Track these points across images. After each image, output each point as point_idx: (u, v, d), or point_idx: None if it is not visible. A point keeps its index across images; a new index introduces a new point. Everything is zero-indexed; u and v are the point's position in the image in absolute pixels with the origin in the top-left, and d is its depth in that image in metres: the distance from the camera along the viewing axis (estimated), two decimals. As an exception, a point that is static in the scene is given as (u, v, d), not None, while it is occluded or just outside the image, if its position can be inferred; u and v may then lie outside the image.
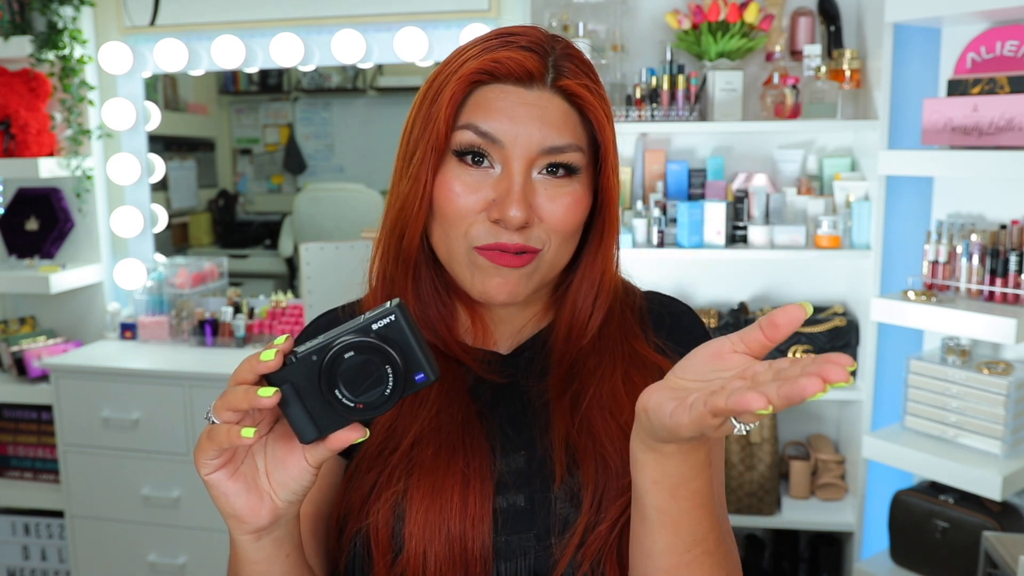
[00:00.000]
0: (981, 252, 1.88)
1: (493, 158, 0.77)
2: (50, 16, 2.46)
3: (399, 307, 0.63)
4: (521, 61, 0.77)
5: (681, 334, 0.89)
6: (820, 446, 2.32)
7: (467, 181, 0.78)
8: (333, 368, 0.62)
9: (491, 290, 0.79)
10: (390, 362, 0.62)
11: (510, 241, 0.77)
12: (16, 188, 2.73)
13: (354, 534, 0.79)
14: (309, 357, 0.62)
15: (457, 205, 0.78)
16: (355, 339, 0.62)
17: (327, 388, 0.62)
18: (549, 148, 0.77)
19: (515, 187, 0.76)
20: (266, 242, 3.49)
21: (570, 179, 0.79)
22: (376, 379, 0.62)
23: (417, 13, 2.44)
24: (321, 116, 3.46)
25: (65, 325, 2.77)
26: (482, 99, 0.78)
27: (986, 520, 1.85)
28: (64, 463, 2.40)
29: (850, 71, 2.12)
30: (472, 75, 0.77)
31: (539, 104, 0.77)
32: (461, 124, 0.78)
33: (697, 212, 2.13)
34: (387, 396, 0.63)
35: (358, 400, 0.63)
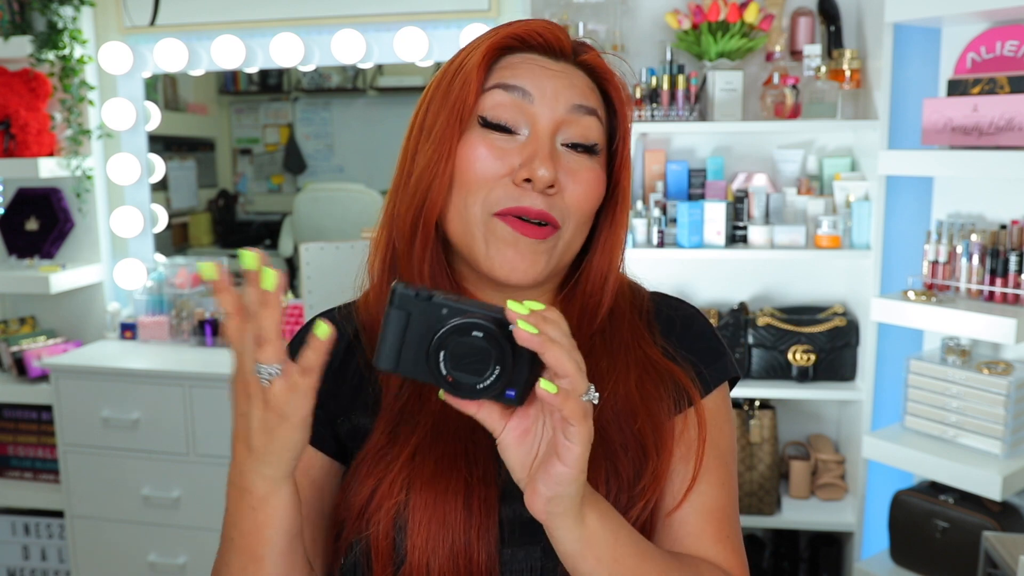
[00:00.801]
0: (981, 252, 1.88)
1: (519, 123, 0.77)
2: (50, 16, 2.46)
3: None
4: (550, 31, 0.79)
5: (693, 340, 0.87)
6: (820, 446, 2.32)
7: (493, 145, 0.77)
8: (455, 334, 0.61)
9: (507, 263, 0.77)
10: (503, 364, 0.62)
11: (533, 205, 0.76)
12: (16, 188, 2.73)
13: (353, 542, 0.77)
14: (440, 308, 0.62)
15: (481, 169, 0.77)
16: (491, 325, 0.61)
17: (436, 345, 0.61)
18: (576, 105, 0.78)
19: (544, 147, 0.76)
20: (266, 242, 3.49)
21: (589, 156, 0.79)
22: (479, 369, 0.62)
23: (417, 13, 2.44)
24: (321, 116, 3.46)
25: (65, 325, 2.77)
26: (509, 63, 0.79)
27: (986, 520, 1.85)
28: (64, 463, 2.40)
29: (850, 71, 2.12)
30: (504, 40, 0.79)
31: (565, 72, 0.79)
32: (489, 86, 0.78)
33: (697, 212, 2.13)
34: (478, 390, 0.62)
35: (452, 373, 0.62)
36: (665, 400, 0.81)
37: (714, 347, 0.87)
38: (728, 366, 0.87)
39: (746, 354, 2.19)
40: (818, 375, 2.18)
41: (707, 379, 0.85)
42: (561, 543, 0.67)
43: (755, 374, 2.20)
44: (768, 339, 2.18)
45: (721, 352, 0.87)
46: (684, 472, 0.80)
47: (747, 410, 2.24)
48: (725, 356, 0.87)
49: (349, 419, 0.83)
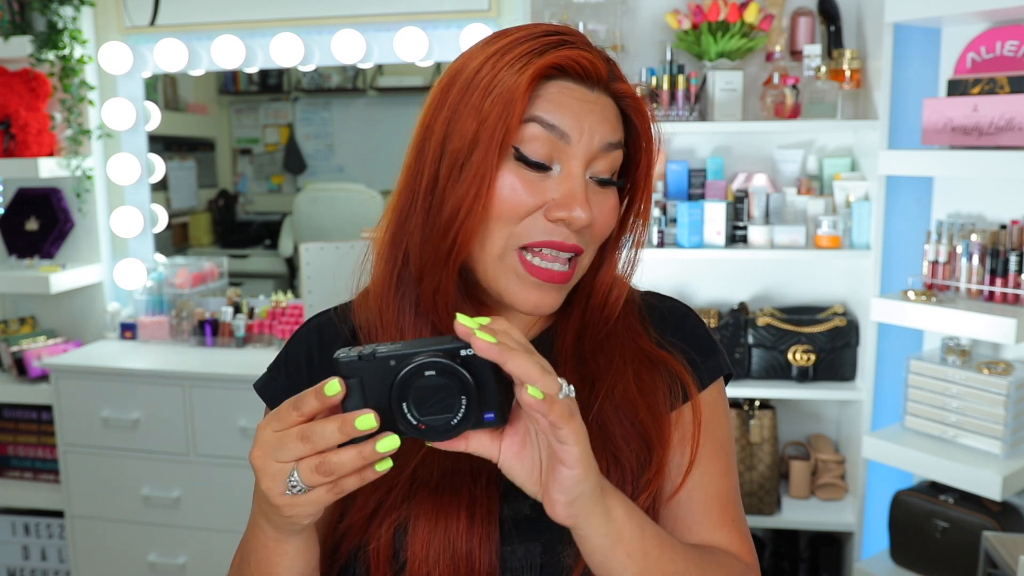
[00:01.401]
0: (981, 252, 1.88)
1: (555, 159, 0.76)
2: (50, 16, 2.46)
3: None
4: (590, 59, 0.77)
5: (686, 338, 0.88)
6: (820, 446, 2.32)
7: (528, 180, 0.75)
8: (409, 380, 0.60)
9: (531, 302, 0.78)
10: (467, 392, 0.60)
11: (567, 240, 0.76)
12: (16, 188, 2.73)
13: (352, 555, 0.77)
14: (387, 361, 0.60)
15: (513, 203, 0.75)
16: (441, 360, 0.60)
17: (396, 398, 0.60)
18: (608, 143, 0.77)
19: (579, 188, 0.75)
20: (266, 242, 3.49)
21: (611, 188, 0.80)
22: (447, 405, 0.60)
23: (417, 13, 2.44)
24: (321, 116, 3.46)
25: (65, 325, 2.77)
26: (547, 93, 0.76)
27: (986, 520, 1.85)
28: (64, 463, 2.40)
29: (850, 71, 2.12)
30: (544, 70, 0.75)
31: (600, 103, 0.78)
32: (526, 118, 0.75)
33: (697, 212, 2.13)
34: (452, 426, 0.61)
35: (421, 420, 0.61)
36: (663, 391, 0.82)
37: (707, 344, 0.88)
38: (722, 363, 0.88)
39: (746, 354, 2.19)
40: (818, 375, 2.18)
41: (702, 372, 0.86)
42: (591, 541, 0.66)
43: (755, 374, 2.20)
44: (768, 339, 2.18)
45: (714, 349, 0.88)
46: (682, 458, 0.82)
47: (747, 410, 2.24)
48: (718, 353, 0.88)
49: None
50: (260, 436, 0.63)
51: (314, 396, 0.61)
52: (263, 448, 0.63)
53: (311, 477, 0.61)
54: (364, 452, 0.61)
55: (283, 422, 0.62)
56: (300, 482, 0.62)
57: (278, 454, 0.62)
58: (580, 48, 0.77)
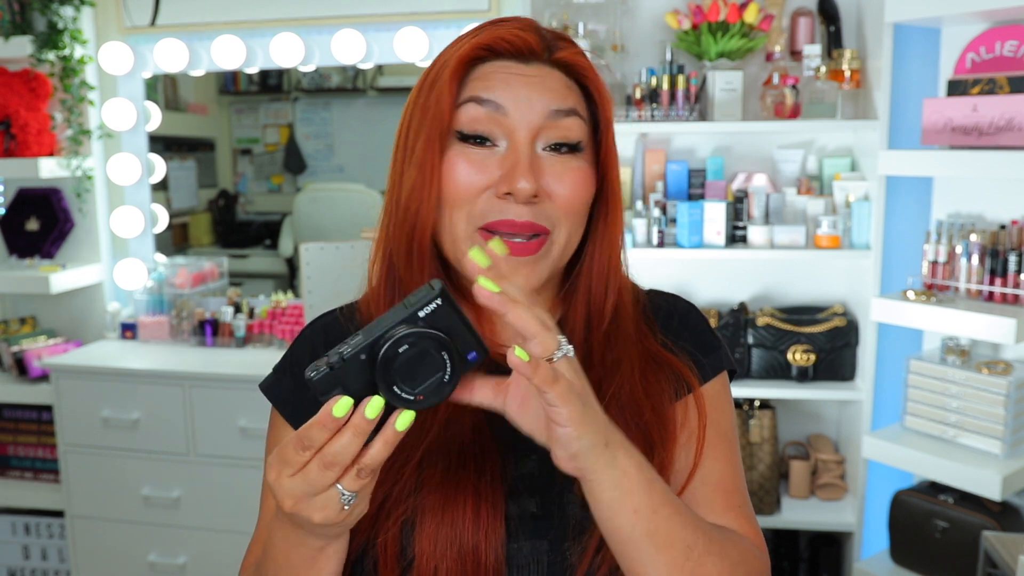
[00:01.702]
0: (981, 252, 1.88)
1: (497, 134, 0.77)
2: (50, 16, 2.47)
3: (442, 291, 0.61)
4: (519, 35, 0.77)
5: (690, 334, 0.88)
6: (820, 446, 2.32)
7: (473, 159, 0.76)
8: (388, 365, 0.60)
9: None
10: (445, 347, 0.60)
11: (519, 217, 0.75)
12: (16, 188, 2.73)
13: (361, 550, 0.77)
14: (358, 358, 0.60)
15: (463, 183, 0.76)
16: (407, 331, 0.60)
17: (385, 386, 0.60)
18: (553, 111, 0.76)
19: (523, 158, 0.75)
20: (266, 242, 3.49)
21: (574, 155, 0.78)
22: (432, 367, 0.60)
23: (417, 13, 2.44)
24: (321, 116, 3.46)
25: (65, 325, 2.77)
26: (481, 74, 0.77)
27: (986, 520, 1.85)
28: (64, 463, 2.40)
29: (850, 71, 2.13)
30: (472, 51, 0.77)
31: (539, 75, 0.77)
32: (462, 100, 0.77)
33: (697, 212, 2.13)
34: (447, 382, 0.61)
35: (417, 392, 0.60)
36: (667, 391, 0.82)
37: (710, 340, 0.89)
38: (724, 358, 0.89)
39: (746, 354, 2.19)
40: (818, 375, 2.18)
41: (705, 368, 0.86)
42: (598, 494, 0.66)
43: (755, 374, 2.20)
44: (768, 339, 2.18)
45: (717, 345, 0.89)
46: (687, 459, 0.82)
47: (747, 410, 2.24)
48: (721, 348, 0.89)
49: None
50: (281, 487, 0.62)
51: (319, 427, 0.60)
52: (293, 496, 0.62)
53: (356, 484, 0.62)
54: (388, 438, 0.61)
55: (295, 464, 0.61)
56: (351, 496, 0.62)
57: (313, 491, 0.61)
58: (514, 28, 0.78)
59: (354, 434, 0.60)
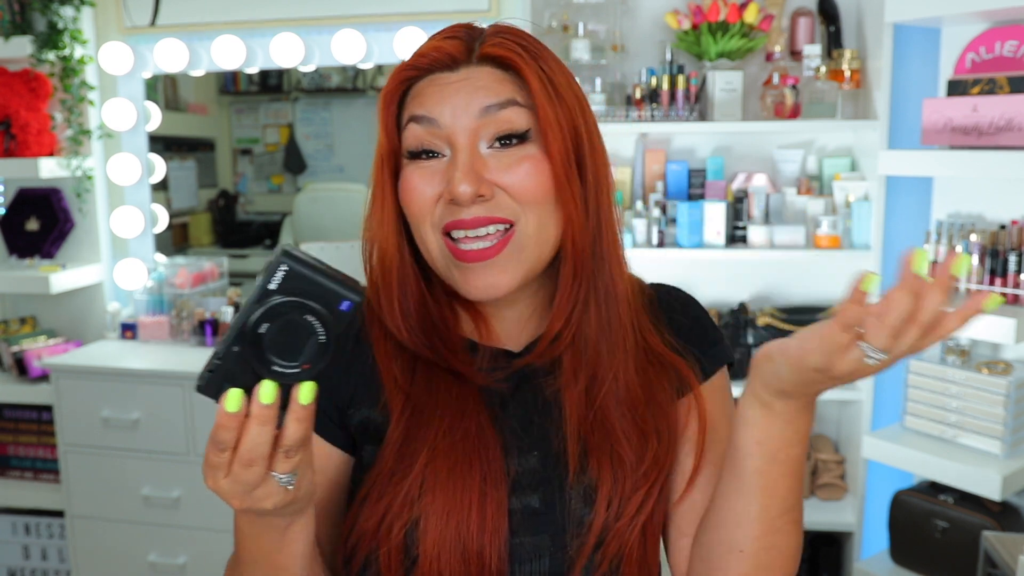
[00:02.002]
0: (981, 252, 1.88)
1: (440, 146, 0.77)
2: (50, 16, 2.47)
3: (285, 255, 0.58)
4: (441, 47, 0.78)
5: (691, 325, 0.89)
6: (820, 446, 2.32)
7: (423, 174, 0.78)
8: (257, 347, 0.58)
9: (472, 287, 0.78)
10: (309, 311, 0.58)
11: (468, 216, 0.76)
12: (16, 188, 2.73)
13: (364, 561, 0.78)
14: (230, 351, 0.58)
15: (418, 198, 0.78)
16: (262, 309, 0.57)
17: (265, 369, 0.58)
18: (485, 107, 0.76)
19: (460, 162, 0.75)
20: (266, 242, 3.49)
21: (524, 145, 0.77)
22: (304, 333, 0.58)
23: (417, 13, 2.44)
24: (321, 116, 3.46)
25: (65, 325, 2.77)
26: (415, 92, 0.79)
27: (986, 520, 1.85)
28: (64, 463, 2.40)
29: (850, 71, 2.13)
30: (401, 74, 0.79)
31: (467, 78, 0.77)
32: (405, 121, 0.79)
33: (697, 212, 2.13)
34: (323, 343, 0.58)
35: (302, 362, 0.58)
36: (667, 388, 0.83)
37: (711, 333, 0.90)
38: (725, 351, 0.90)
39: (746, 354, 2.19)
40: (818, 375, 2.17)
41: (706, 366, 0.87)
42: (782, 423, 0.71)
43: (755, 374, 2.20)
44: (768, 339, 2.18)
45: (717, 338, 0.90)
46: (687, 463, 0.83)
47: (747, 410, 2.24)
48: (721, 341, 0.90)
49: (359, 411, 0.84)
50: (221, 491, 0.62)
51: (223, 428, 0.59)
52: (234, 494, 0.62)
53: (289, 465, 0.61)
54: (298, 415, 0.60)
55: (221, 467, 0.61)
56: (289, 477, 0.62)
57: (249, 487, 0.61)
58: (439, 39, 0.79)
59: (260, 424, 0.59)
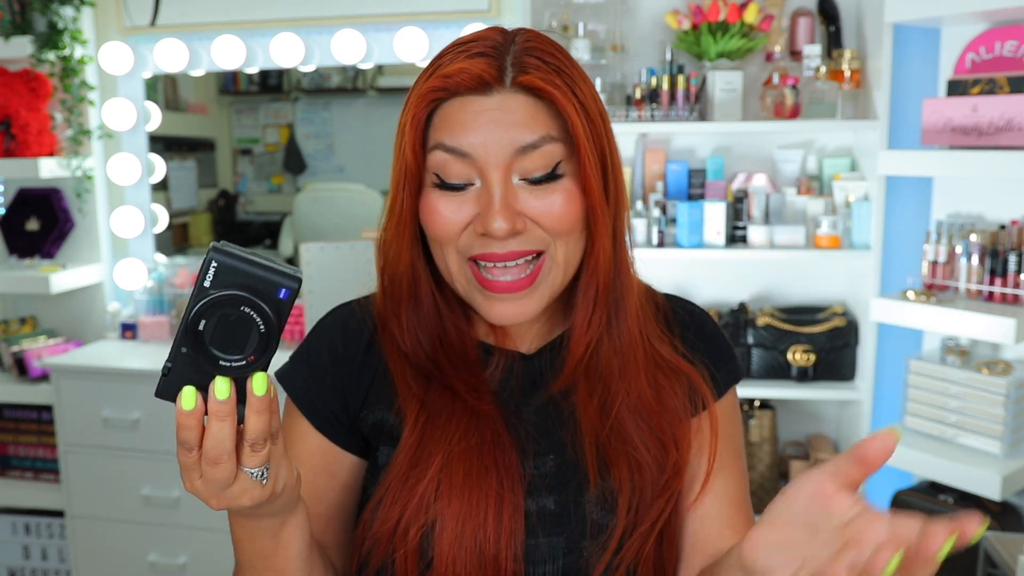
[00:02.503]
0: (981, 252, 1.89)
1: (470, 175, 0.75)
2: (50, 16, 2.46)
3: (214, 250, 0.58)
4: (472, 70, 0.74)
5: (706, 342, 0.89)
6: (820, 446, 2.32)
7: (450, 202, 0.76)
8: (200, 344, 0.58)
9: (497, 314, 0.78)
10: (244, 302, 0.57)
11: (501, 250, 0.75)
12: (16, 188, 2.73)
13: (379, 566, 0.78)
14: (180, 352, 0.59)
15: (444, 225, 0.76)
16: (197, 306, 0.58)
17: (212, 364, 0.58)
18: (521, 147, 0.74)
19: (495, 197, 0.73)
20: (266, 242, 3.49)
21: (553, 181, 0.76)
22: (244, 326, 0.58)
23: (417, 13, 2.44)
24: (321, 116, 3.46)
25: (65, 325, 2.77)
26: (443, 116, 0.76)
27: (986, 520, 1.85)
28: (64, 463, 2.40)
29: (850, 71, 2.13)
30: (428, 95, 0.75)
31: (501, 107, 0.74)
32: (431, 145, 0.76)
33: (697, 212, 2.13)
34: (264, 332, 0.58)
35: (247, 354, 0.58)
36: (680, 397, 0.83)
37: (724, 350, 0.90)
38: (737, 369, 0.90)
39: (746, 354, 2.19)
40: (818, 375, 2.18)
41: (719, 382, 0.87)
42: None
43: (755, 374, 2.20)
44: (768, 339, 2.18)
45: (731, 355, 0.90)
46: (700, 470, 0.84)
47: (747, 410, 2.24)
48: (734, 359, 0.90)
49: (373, 413, 0.84)
50: (197, 492, 0.62)
51: (184, 428, 0.60)
52: (209, 494, 0.62)
53: (258, 459, 0.61)
54: (255, 407, 0.59)
55: (193, 468, 0.61)
56: (261, 471, 0.62)
57: (221, 485, 0.61)
58: (470, 57, 0.74)
59: (219, 420, 0.59)
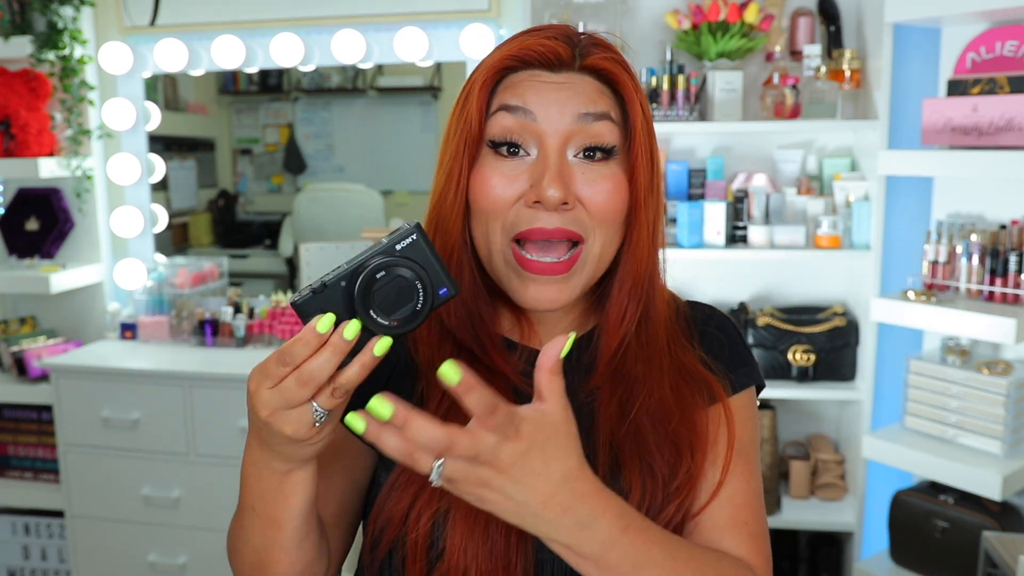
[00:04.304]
0: (981, 252, 1.88)
1: (527, 142, 0.77)
2: (50, 16, 2.46)
3: (418, 227, 0.65)
4: (548, 45, 0.77)
5: (727, 346, 0.89)
6: (820, 446, 2.32)
7: (504, 171, 0.77)
8: (367, 290, 0.63)
9: (532, 298, 0.78)
10: (419, 278, 0.64)
11: (549, 224, 0.75)
12: (16, 188, 2.73)
13: (391, 547, 0.78)
14: (338, 283, 0.64)
15: (494, 196, 0.77)
16: (385, 259, 0.64)
17: (362, 311, 0.63)
18: (582, 114, 0.76)
19: (551, 165, 0.75)
20: (266, 242, 3.49)
21: (607, 162, 0.77)
22: (407, 296, 0.64)
23: (417, 13, 2.44)
24: (321, 116, 3.46)
25: (65, 325, 2.77)
26: (511, 83, 0.78)
27: (986, 520, 1.85)
28: (64, 463, 2.40)
29: (850, 71, 2.12)
30: (501, 61, 0.78)
31: (568, 82, 0.77)
32: (494, 110, 0.78)
33: (697, 212, 2.13)
34: (418, 311, 0.64)
35: (392, 319, 0.64)
36: (700, 404, 0.83)
37: (743, 354, 0.90)
38: (754, 373, 0.89)
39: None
40: (818, 375, 2.18)
41: (735, 383, 0.87)
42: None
43: (755, 374, 2.20)
44: (768, 339, 2.18)
45: (749, 360, 0.90)
46: (712, 476, 0.82)
47: (747, 410, 2.24)
48: (751, 363, 0.90)
49: None
50: (259, 397, 0.64)
51: (302, 344, 0.62)
52: (269, 407, 0.64)
53: (330, 403, 0.64)
54: (365, 362, 0.63)
55: (275, 377, 0.63)
56: (324, 414, 0.64)
57: (288, 403, 0.63)
58: (544, 37, 0.78)
59: (332, 353, 0.62)
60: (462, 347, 0.83)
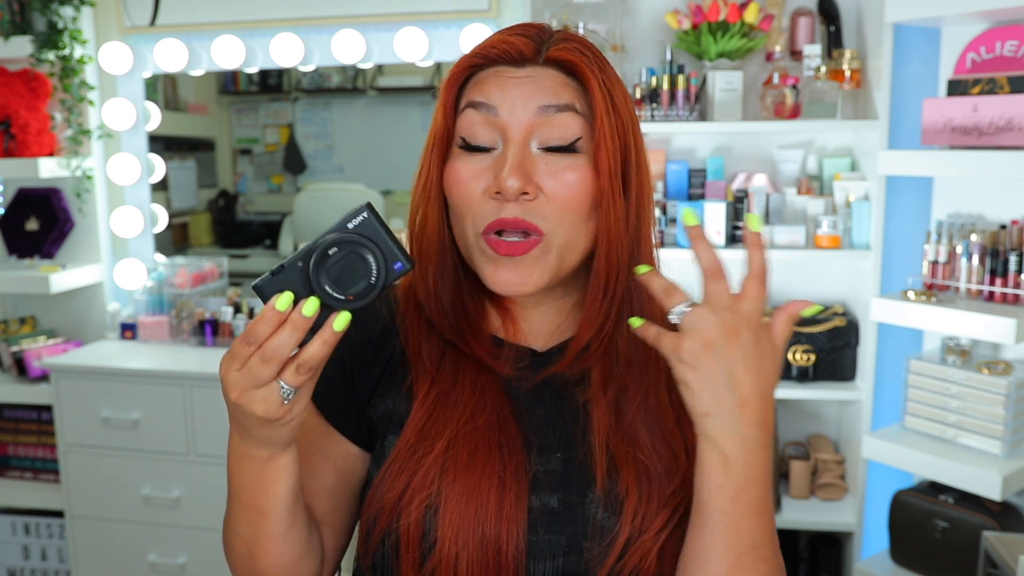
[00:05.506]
0: (981, 252, 1.88)
1: (493, 137, 0.78)
2: (50, 16, 2.46)
3: (368, 206, 0.68)
4: (511, 41, 0.79)
5: None
6: (820, 446, 2.32)
7: (472, 167, 0.78)
8: (320, 267, 0.66)
9: (499, 282, 0.78)
10: (372, 253, 0.67)
11: (509, 215, 0.76)
12: (16, 188, 2.73)
13: (383, 535, 0.78)
14: (295, 264, 0.67)
15: (465, 191, 0.78)
16: (337, 236, 0.67)
17: (319, 286, 0.66)
18: (544, 106, 0.77)
19: (511, 156, 0.76)
20: (266, 242, 3.49)
21: (573, 154, 0.78)
22: (361, 271, 0.67)
23: (417, 13, 2.44)
24: (321, 116, 3.46)
25: (65, 325, 2.77)
26: (477, 80, 0.80)
27: (986, 520, 1.85)
28: (64, 463, 2.40)
29: (850, 71, 2.12)
30: (467, 60, 0.80)
31: (532, 76, 0.78)
32: (462, 106, 0.80)
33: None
34: (372, 284, 0.67)
35: (348, 293, 0.67)
36: None
37: None
38: None
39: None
40: (818, 375, 2.18)
41: None
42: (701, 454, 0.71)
43: (755, 374, 2.20)
44: (768, 339, 2.18)
45: None
46: None
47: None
48: None
49: (383, 402, 0.85)
50: (228, 379, 0.68)
51: (263, 322, 0.65)
52: (237, 388, 0.68)
53: (296, 379, 0.67)
54: (327, 338, 0.66)
55: (241, 358, 0.67)
56: (290, 391, 0.67)
57: (255, 383, 0.67)
58: (510, 35, 0.80)
59: (292, 330, 0.65)
60: (450, 342, 0.84)
